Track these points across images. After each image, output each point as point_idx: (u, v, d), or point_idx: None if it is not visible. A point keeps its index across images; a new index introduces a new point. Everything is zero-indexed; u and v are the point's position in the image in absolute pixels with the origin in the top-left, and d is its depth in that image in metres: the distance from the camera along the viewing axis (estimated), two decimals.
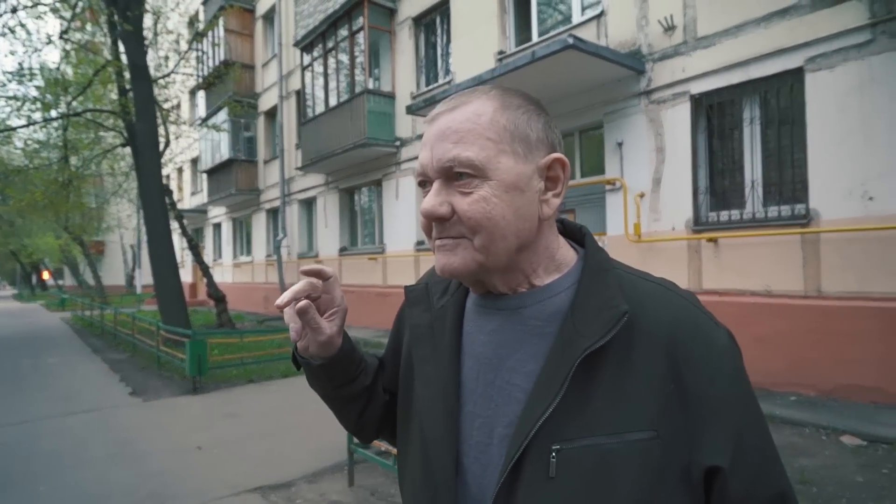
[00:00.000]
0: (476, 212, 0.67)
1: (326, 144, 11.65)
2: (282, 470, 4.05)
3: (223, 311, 12.68)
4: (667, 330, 0.66)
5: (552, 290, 0.73)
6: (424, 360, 0.79)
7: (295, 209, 14.78)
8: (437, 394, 0.75)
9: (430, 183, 0.71)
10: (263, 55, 16.56)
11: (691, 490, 0.64)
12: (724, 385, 0.65)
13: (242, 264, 18.36)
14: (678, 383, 0.64)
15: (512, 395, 0.70)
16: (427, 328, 0.81)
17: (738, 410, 0.66)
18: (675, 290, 0.72)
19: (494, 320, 0.75)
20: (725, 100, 6.09)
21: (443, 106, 0.72)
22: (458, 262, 0.70)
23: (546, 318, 0.71)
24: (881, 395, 4.82)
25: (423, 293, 0.85)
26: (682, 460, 0.64)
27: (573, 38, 5.90)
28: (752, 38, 5.73)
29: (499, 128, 0.68)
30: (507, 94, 0.73)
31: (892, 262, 4.82)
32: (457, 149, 0.67)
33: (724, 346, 0.67)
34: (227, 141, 16.42)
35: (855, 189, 5.05)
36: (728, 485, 0.64)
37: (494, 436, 0.70)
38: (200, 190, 21.54)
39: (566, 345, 0.67)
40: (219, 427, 5.25)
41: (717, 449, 0.64)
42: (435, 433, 0.73)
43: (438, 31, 10.33)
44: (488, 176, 0.67)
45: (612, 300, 0.67)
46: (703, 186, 6.26)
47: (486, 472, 0.70)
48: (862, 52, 5.03)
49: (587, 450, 0.63)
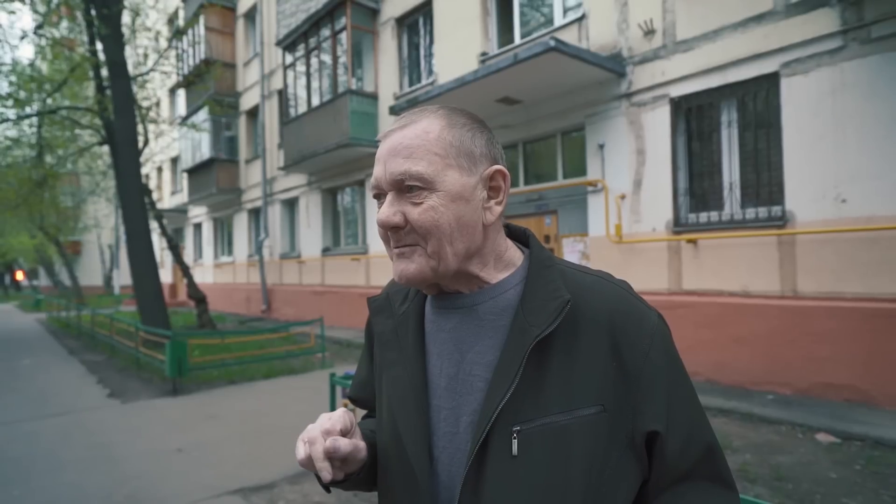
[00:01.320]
0: (426, 220, 0.74)
1: (309, 144, 11.58)
2: (263, 471, 4.02)
3: (204, 312, 12.53)
4: (606, 316, 0.75)
5: (503, 287, 0.80)
6: (392, 363, 0.85)
7: (277, 209, 14.66)
8: (406, 392, 0.80)
9: (384, 195, 0.78)
10: (245, 54, 16.40)
11: (636, 453, 0.74)
12: (657, 360, 0.74)
13: (223, 265, 18.15)
14: (618, 361, 0.73)
15: (474, 386, 0.76)
16: (392, 333, 0.87)
17: (670, 381, 0.75)
18: (611, 279, 0.81)
19: (452, 319, 0.81)
20: (704, 103, 6.20)
21: (394, 124, 0.79)
22: (413, 269, 0.76)
23: (499, 313, 0.78)
24: (854, 393, 4.94)
25: (385, 302, 0.91)
26: (626, 428, 0.73)
27: (555, 41, 5.95)
28: (729, 43, 5.84)
29: (445, 143, 0.75)
30: (454, 112, 0.80)
31: (864, 263, 4.94)
32: (407, 163, 0.74)
33: (655, 326, 0.76)
34: (208, 140, 16.22)
35: (828, 191, 5.17)
36: (665, 445, 0.73)
37: (461, 424, 0.76)
38: (180, 189, 21.25)
39: (519, 335, 0.74)
40: (199, 429, 5.19)
41: (655, 416, 0.73)
42: (408, 429, 0.78)
43: (421, 31, 10.34)
44: (436, 187, 0.74)
45: (555, 292, 0.75)
46: (683, 188, 6.36)
47: (453, 459, 0.76)
48: (834, 57, 5.15)
49: (544, 428, 0.71)
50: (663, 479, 0.75)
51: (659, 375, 0.74)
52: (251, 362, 8.02)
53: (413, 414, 0.79)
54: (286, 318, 13.66)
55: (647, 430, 0.73)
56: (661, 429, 0.73)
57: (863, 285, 4.95)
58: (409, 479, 0.77)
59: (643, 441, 0.74)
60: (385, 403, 0.85)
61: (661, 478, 0.75)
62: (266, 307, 14.92)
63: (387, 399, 0.84)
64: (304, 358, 8.66)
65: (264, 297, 14.93)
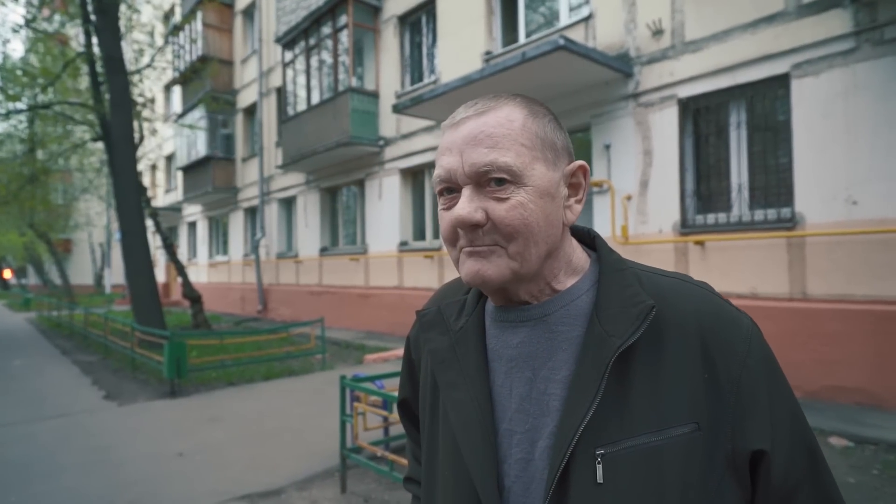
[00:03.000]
0: (514, 218, 0.66)
1: (308, 143, 11.46)
2: (270, 476, 3.92)
3: (199, 312, 12.37)
4: (694, 320, 0.68)
5: (574, 294, 0.73)
6: (452, 385, 0.75)
7: (274, 208, 14.52)
8: (471, 417, 0.72)
9: (455, 190, 0.70)
10: (243, 51, 16.25)
11: (738, 476, 0.66)
12: (755, 367, 0.67)
13: (218, 264, 17.97)
14: (711, 372, 0.66)
15: (550, 405, 0.69)
16: (448, 352, 0.78)
17: (770, 391, 0.67)
18: (692, 281, 0.74)
19: (519, 333, 0.73)
20: (712, 104, 6.16)
21: (467, 110, 0.71)
22: (492, 271, 0.68)
23: (572, 323, 0.71)
24: (865, 397, 4.91)
25: (438, 316, 0.82)
26: (726, 448, 0.65)
27: (564, 39, 5.89)
28: (739, 44, 5.80)
29: (531, 134, 0.69)
30: (532, 101, 0.73)
31: (875, 266, 4.91)
32: (493, 154, 0.66)
33: (749, 329, 0.69)
34: (204, 138, 16.05)
35: (839, 193, 5.13)
36: (772, 466, 0.66)
37: (536, 450, 0.69)
38: (175, 187, 21.04)
39: (597, 346, 0.66)
40: (201, 432, 5.07)
41: (759, 432, 0.65)
42: (474, 457, 0.70)
43: (424, 30, 10.26)
44: (524, 182, 0.67)
45: (635, 297, 0.68)
46: (690, 189, 6.32)
47: (529, 489, 0.68)
48: (847, 59, 5.12)
49: (632, 450, 0.63)
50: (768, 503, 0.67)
51: (759, 385, 0.66)
52: (250, 363, 7.89)
53: (479, 441, 0.70)
54: (282, 319, 13.53)
55: (751, 449, 0.65)
56: (767, 447, 0.65)
57: (874, 288, 4.92)
58: None
59: (747, 462, 0.66)
60: (444, 430, 0.76)
61: (766, 502, 0.67)
62: (262, 307, 14.77)
63: (448, 425, 0.75)
64: (304, 359, 8.54)
65: (260, 297, 14.78)
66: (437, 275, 9.54)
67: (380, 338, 10.19)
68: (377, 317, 10.80)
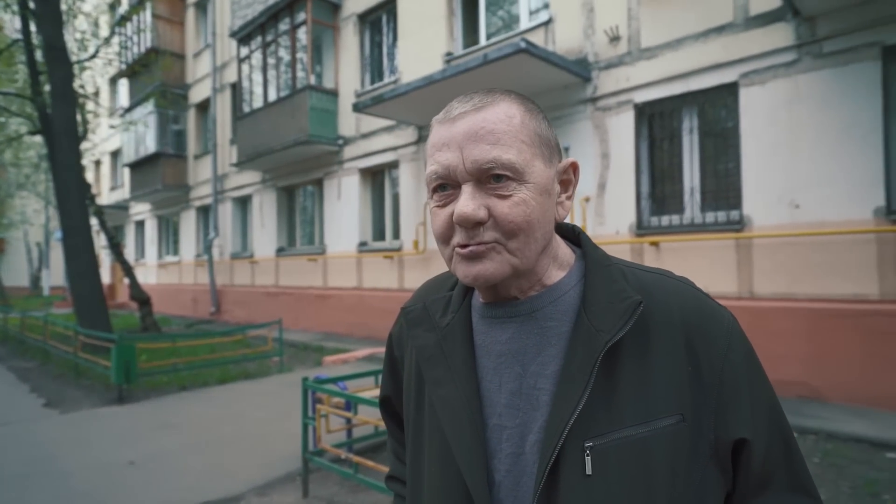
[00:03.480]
0: (517, 215, 0.67)
1: (264, 141, 11.20)
2: (228, 483, 3.80)
3: (148, 314, 11.87)
4: (678, 315, 0.69)
5: (561, 289, 0.74)
6: (439, 382, 0.75)
7: (228, 207, 14.10)
8: (459, 413, 0.72)
9: (451, 186, 0.69)
10: (195, 45, 15.72)
11: (721, 465, 0.68)
12: (737, 360, 0.69)
13: (169, 265, 17.32)
14: (694, 365, 0.68)
15: (540, 400, 0.70)
16: (435, 348, 0.77)
17: (751, 382, 0.70)
18: (674, 277, 0.76)
19: (508, 328, 0.74)
20: (666, 109, 6.37)
21: (463, 105, 0.70)
22: (492, 269, 0.68)
23: (560, 318, 0.72)
24: (806, 390, 5.18)
25: (424, 313, 0.81)
26: (709, 438, 0.67)
27: (525, 43, 5.97)
28: (691, 52, 6.03)
29: (530, 131, 0.69)
30: (526, 98, 0.74)
31: (816, 266, 5.20)
32: (496, 150, 0.66)
33: (730, 324, 0.71)
34: (154, 134, 15.43)
35: (783, 197, 5.41)
36: (752, 453, 0.68)
37: (526, 444, 0.69)
38: (121, 185, 20.17)
39: (585, 341, 0.67)
40: (152, 439, 4.87)
41: (741, 422, 0.68)
42: (464, 452, 0.70)
43: (385, 29, 10.19)
44: (526, 179, 0.67)
45: (622, 292, 0.69)
46: (646, 192, 6.52)
47: (519, 482, 0.69)
48: (790, 70, 5.40)
49: (620, 442, 0.65)
50: (747, 490, 0.70)
51: (740, 377, 0.69)
52: (204, 367, 7.64)
53: (468, 436, 0.70)
54: (237, 321, 13.16)
55: (734, 438, 0.67)
56: (748, 436, 0.68)
57: (815, 287, 5.20)
58: None
59: (729, 450, 0.68)
60: (430, 427, 0.76)
61: (745, 490, 0.70)
62: (215, 309, 14.32)
63: (436, 422, 0.75)
64: (260, 362, 8.33)
65: (213, 299, 14.32)
66: (397, 275, 9.49)
67: (339, 339, 10.05)
68: (336, 318, 10.65)
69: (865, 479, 3.52)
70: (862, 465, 3.77)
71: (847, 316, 4.97)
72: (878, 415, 4.65)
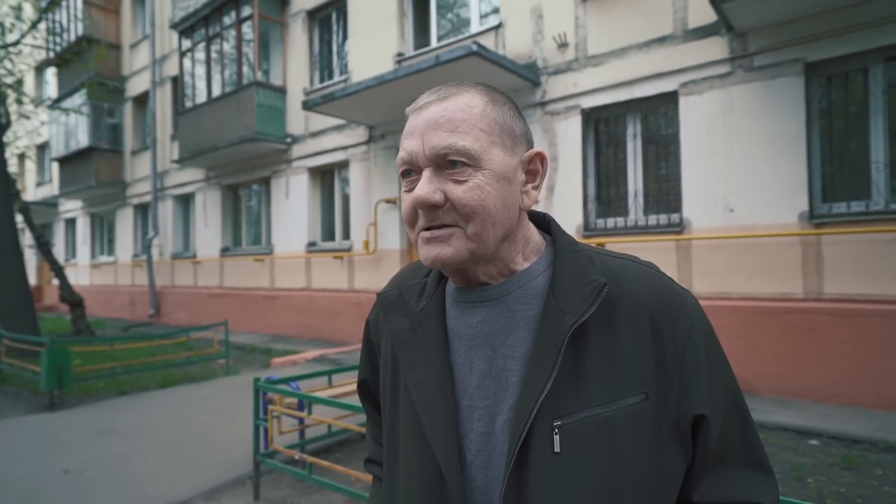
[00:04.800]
0: (471, 199, 0.69)
1: (208, 137, 10.83)
2: (173, 489, 3.66)
3: (80, 317, 11.21)
4: (643, 298, 0.72)
5: (531, 274, 0.76)
6: (413, 366, 0.77)
7: (169, 205, 13.53)
8: (433, 395, 0.74)
9: (415, 172, 0.73)
10: (132, 35, 15.01)
11: (682, 440, 0.71)
12: (699, 342, 0.72)
13: (103, 265, 16.42)
14: (658, 345, 0.71)
15: (509, 381, 0.72)
16: (410, 333, 0.79)
17: (710, 362, 0.73)
18: (640, 261, 0.79)
19: (479, 313, 0.76)
20: (612, 115, 6.62)
21: (430, 96, 0.74)
22: (451, 252, 0.71)
23: (529, 302, 0.74)
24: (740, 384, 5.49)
25: (399, 298, 0.84)
26: (672, 415, 0.70)
27: (477, 46, 6.06)
28: (635, 61, 6.29)
29: (489, 120, 0.72)
30: (492, 89, 0.77)
31: (748, 266, 5.54)
32: (452, 137, 0.69)
33: (692, 306, 0.75)
34: (86, 127, 14.59)
35: (719, 201, 5.73)
36: (710, 429, 0.72)
37: (496, 423, 0.72)
38: (49, 180, 18.97)
39: (552, 323, 0.70)
40: (89, 446, 4.62)
41: (700, 399, 0.71)
42: (436, 432, 0.72)
43: (335, 27, 10.08)
44: (481, 165, 0.70)
45: (588, 276, 0.72)
46: (592, 195, 6.75)
47: (490, 461, 0.71)
48: (724, 81, 5.73)
49: (587, 420, 0.68)
50: (705, 464, 0.73)
51: (700, 356, 0.72)
52: (144, 371, 7.31)
53: (441, 418, 0.73)
54: (178, 323, 12.65)
55: (693, 413, 0.70)
56: (707, 412, 0.71)
57: (747, 286, 5.54)
58: (439, 487, 0.72)
59: (689, 425, 0.71)
60: (406, 409, 0.79)
61: (703, 464, 0.73)
62: (154, 311, 13.70)
63: (410, 404, 0.77)
64: (205, 365, 8.05)
65: (153, 301, 13.70)
66: (347, 276, 9.40)
67: (287, 340, 9.84)
68: (284, 319, 10.42)
69: (791, 464, 3.78)
70: (788, 452, 4.04)
71: (775, 313, 5.33)
72: (801, 405, 5.00)
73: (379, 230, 8.85)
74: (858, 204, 5.10)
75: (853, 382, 4.89)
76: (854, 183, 5.19)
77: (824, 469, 3.72)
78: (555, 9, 6.95)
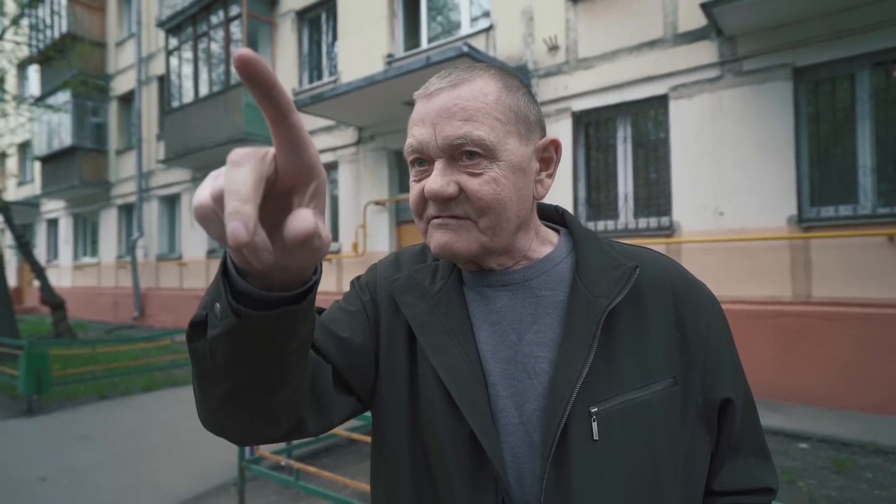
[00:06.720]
0: (487, 193, 0.66)
1: (195, 137, 10.69)
2: (155, 497, 3.57)
3: (62, 320, 11.00)
4: (668, 283, 0.73)
5: (553, 260, 0.75)
6: (440, 349, 0.71)
7: (154, 206, 13.34)
8: (468, 379, 0.69)
9: (427, 161, 0.69)
10: (118, 33, 14.80)
11: (708, 425, 0.72)
12: (719, 327, 0.74)
13: (86, 266, 16.15)
14: (682, 331, 0.71)
15: (537, 368, 0.69)
16: (430, 315, 0.73)
17: (731, 348, 0.76)
18: (655, 251, 0.80)
19: (501, 298, 0.73)
20: (602, 118, 6.62)
21: (440, 81, 0.70)
22: (461, 244, 0.68)
23: (554, 288, 0.73)
24: None
25: (410, 280, 0.77)
26: (697, 400, 0.70)
27: (468, 47, 6.04)
28: (625, 65, 6.30)
29: (504, 108, 0.68)
30: (506, 74, 0.73)
31: (737, 270, 5.55)
32: (467, 127, 0.66)
33: (710, 295, 0.76)
34: (70, 125, 14.35)
35: (708, 205, 5.74)
36: (736, 412, 0.73)
37: (524, 413, 0.68)
38: (31, 180, 18.64)
39: (584, 307, 0.68)
40: (68, 453, 4.50)
41: (726, 383, 0.72)
42: (477, 416, 0.67)
43: (324, 27, 10.01)
44: (498, 157, 0.67)
45: (616, 260, 0.72)
46: (583, 197, 6.74)
47: (518, 452, 0.67)
48: (714, 85, 5.75)
49: (623, 406, 0.66)
50: (727, 451, 0.74)
51: (722, 342, 0.73)
52: (126, 374, 7.16)
53: (479, 399, 0.67)
54: (163, 326, 12.45)
55: (721, 397, 0.71)
56: (733, 395, 0.72)
57: (736, 289, 5.56)
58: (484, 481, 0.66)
59: (716, 410, 0.72)
60: (435, 394, 0.70)
61: (726, 447, 0.74)
62: (139, 314, 13.48)
63: (440, 389, 0.70)
64: (189, 368, 7.91)
65: (137, 303, 13.49)
66: (336, 278, 9.31)
67: None
68: None
69: (782, 468, 3.77)
70: (778, 456, 4.04)
71: (764, 316, 5.34)
72: (790, 408, 5.02)
73: (367, 232, 8.78)
74: (846, 208, 5.14)
75: (842, 385, 4.91)
76: (842, 187, 5.23)
77: (815, 472, 3.72)
78: (545, 11, 6.94)
